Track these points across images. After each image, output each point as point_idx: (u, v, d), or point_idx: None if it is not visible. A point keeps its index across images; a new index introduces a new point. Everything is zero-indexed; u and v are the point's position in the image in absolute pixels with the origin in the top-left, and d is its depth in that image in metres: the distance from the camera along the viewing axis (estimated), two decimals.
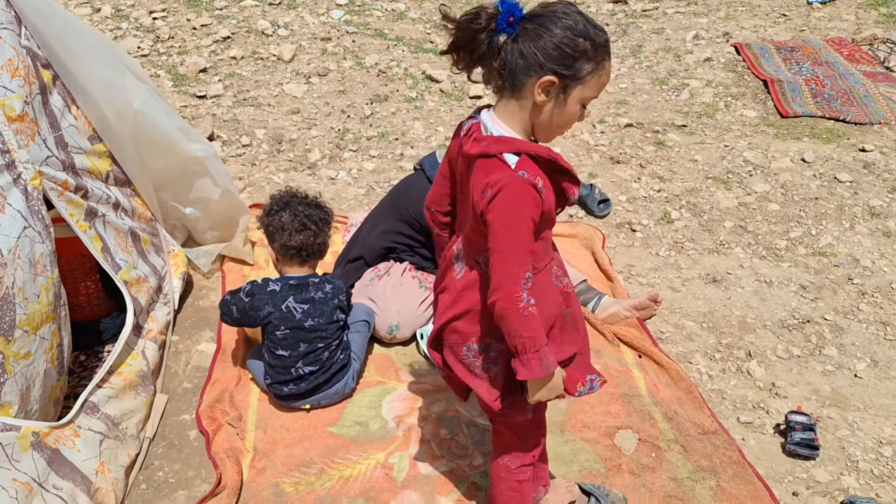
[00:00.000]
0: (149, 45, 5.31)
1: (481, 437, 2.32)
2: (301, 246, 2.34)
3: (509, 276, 1.47)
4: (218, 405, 2.40)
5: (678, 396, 2.48)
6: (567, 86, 1.45)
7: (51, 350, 2.04)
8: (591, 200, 3.62)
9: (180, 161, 2.76)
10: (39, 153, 2.17)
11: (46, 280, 2.02)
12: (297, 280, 2.36)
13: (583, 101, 1.48)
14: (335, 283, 2.43)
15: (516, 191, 1.45)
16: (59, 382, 2.14)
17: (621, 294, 2.98)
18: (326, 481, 2.15)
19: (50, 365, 2.04)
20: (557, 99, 1.46)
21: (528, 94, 1.46)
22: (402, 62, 5.32)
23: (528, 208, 1.46)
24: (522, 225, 1.46)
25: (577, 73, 1.43)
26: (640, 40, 5.80)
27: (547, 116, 1.49)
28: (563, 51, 1.41)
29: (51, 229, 2.12)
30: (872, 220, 3.52)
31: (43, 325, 1.99)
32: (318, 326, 2.33)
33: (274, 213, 2.36)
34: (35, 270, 1.97)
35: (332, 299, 2.38)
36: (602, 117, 4.59)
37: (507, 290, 1.48)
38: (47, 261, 2.04)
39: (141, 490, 2.14)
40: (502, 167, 1.46)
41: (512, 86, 1.47)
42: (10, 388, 1.86)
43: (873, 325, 2.87)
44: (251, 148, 4.14)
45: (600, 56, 1.44)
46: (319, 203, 2.44)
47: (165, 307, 2.69)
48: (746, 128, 4.41)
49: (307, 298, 2.33)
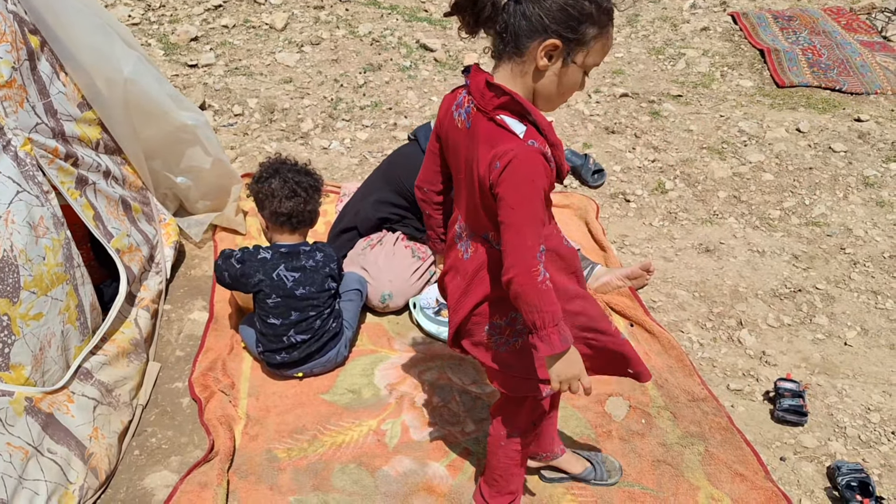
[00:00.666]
0: (139, 13, 5.24)
1: (473, 404, 2.34)
2: (291, 213, 2.33)
3: (526, 250, 1.42)
4: (210, 373, 2.41)
5: (669, 364, 2.49)
6: (571, 50, 1.38)
7: (67, 311, 2.05)
8: (586, 171, 3.61)
9: (171, 129, 2.74)
10: (28, 120, 2.15)
11: (52, 242, 2.02)
12: (288, 248, 2.35)
13: (585, 67, 1.42)
14: (326, 251, 2.43)
15: (527, 161, 1.39)
16: (84, 343, 2.15)
17: (614, 264, 2.98)
18: (319, 447, 2.17)
19: (69, 325, 2.06)
20: (561, 64, 1.40)
21: (530, 59, 1.40)
22: (396, 31, 5.26)
23: (539, 179, 1.40)
24: (535, 197, 1.41)
25: (582, 38, 1.37)
26: (636, 9, 5.74)
27: (549, 82, 1.43)
28: (568, 13, 1.35)
29: (51, 194, 2.11)
30: (866, 189, 3.52)
31: (54, 286, 2.00)
32: (309, 295, 2.33)
33: (264, 180, 2.34)
34: (36, 233, 1.97)
35: (324, 267, 2.38)
36: (598, 87, 4.56)
37: (524, 266, 1.42)
38: (50, 223, 2.04)
39: (134, 456, 2.16)
40: (510, 137, 1.40)
41: (514, 49, 1.40)
42: (20, 349, 1.87)
43: (864, 294, 2.88)
44: (243, 117, 4.11)
45: (605, 21, 1.38)
46: (309, 170, 2.43)
47: (157, 276, 2.68)
48: (742, 98, 4.39)
49: (298, 266, 2.33)
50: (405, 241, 2.79)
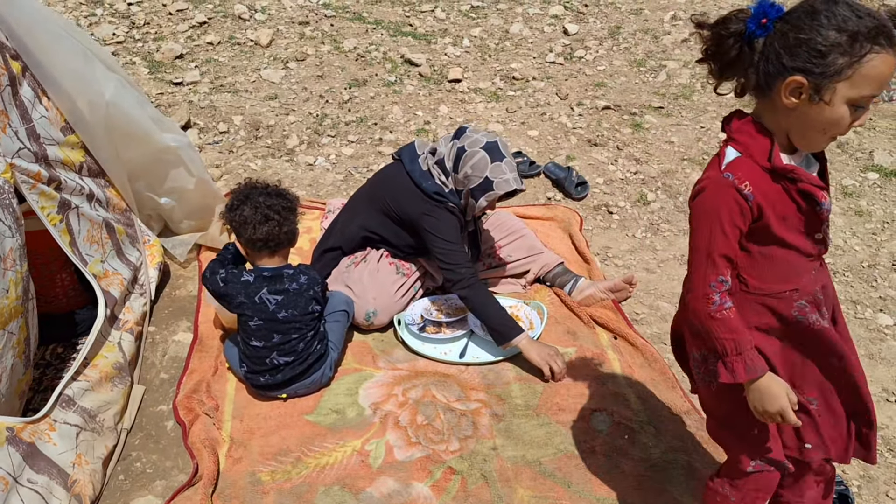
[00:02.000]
0: (124, 31, 5.25)
1: (457, 421, 2.35)
2: (267, 238, 2.32)
3: (697, 277, 1.44)
4: (195, 395, 2.41)
5: (652, 377, 2.51)
6: (820, 85, 1.29)
7: (18, 344, 2.04)
8: (569, 183, 3.64)
9: (154, 151, 2.75)
10: (11, 145, 2.16)
11: (15, 275, 2.01)
12: (271, 272, 2.36)
13: (851, 101, 1.30)
14: (310, 273, 2.43)
15: (715, 192, 1.39)
16: (24, 376, 2.13)
17: (597, 276, 3.00)
18: (303, 469, 2.17)
19: (17, 360, 2.04)
20: (811, 101, 1.32)
21: (776, 98, 1.35)
22: (381, 46, 5.29)
23: (724, 212, 1.38)
24: (715, 228, 1.40)
25: (829, 70, 1.28)
26: (618, 21, 5.79)
27: (801, 121, 1.36)
28: (809, 46, 1.28)
29: (21, 223, 2.11)
30: (845, 199, 3.56)
31: (11, 320, 1.98)
32: (291, 318, 2.33)
33: (235, 209, 2.34)
34: (4, 265, 1.96)
35: (308, 290, 2.38)
36: (580, 100, 4.59)
37: (696, 292, 1.44)
38: (17, 255, 2.03)
39: (119, 481, 2.15)
40: (713, 165, 1.42)
41: (762, 91, 1.38)
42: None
43: (844, 304, 2.91)
44: (228, 135, 4.12)
45: (862, 46, 1.26)
46: (281, 191, 2.41)
47: (142, 298, 2.69)
48: (723, 109, 4.43)
49: (281, 290, 2.33)
50: (389, 259, 2.80)
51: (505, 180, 2.53)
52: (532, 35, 5.61)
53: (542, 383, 2.50)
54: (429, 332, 2.71)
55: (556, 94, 4.69)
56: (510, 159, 2.58)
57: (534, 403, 2.41)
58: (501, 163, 2.54)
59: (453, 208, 2.64)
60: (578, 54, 5.23)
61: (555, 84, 4.82)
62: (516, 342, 2.52)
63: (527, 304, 2.83)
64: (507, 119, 4.39)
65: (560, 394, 2.45)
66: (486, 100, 4.64)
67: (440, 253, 2.62)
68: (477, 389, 2.49)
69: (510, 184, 2.53)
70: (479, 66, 5.10)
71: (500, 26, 5.75)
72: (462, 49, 5.34)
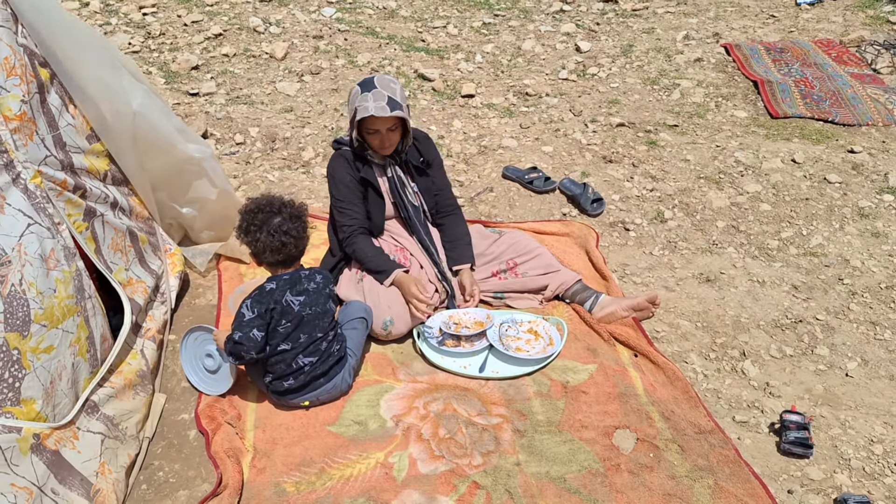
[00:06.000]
0: (140, 41, 5.28)
1: (479, 436, 2.34)
2: (286, 258, 2.39)
3: None
4: (216, 404, 2.40)
5: (674, 396, 2.51)
6: None
7: (78, 343, 2.05)
8: (585, 199, 3.65)
9: (177, 161, 2.75)
10: (38, 153, 2.17)
11: (62, 274, 2.03)
12: (290, 276, 2.40)
13: None
14: (323, 273, 2.50)
15: None
16: (92, 375, 2.15)
17: (616, 293, 3.00)
18: (327, 481, 2.16)
19: (80, 357, 2.06)
20: None
21: None
22: (395, 60, 5.32)
23: None
24: None
25: None
26: (630, 40, 5.83)
27: None
28: None
29: (62, 226, 2.12)
30: (861, 220, 3.57)
31: (65, 318, 2.00)
32: (314, 315, 2.38)
33: (251, 233, 2.35)
34: (47, 265, 1.98)
35: (324, 289, 2.45)
36: (594, 116, 4.61)
37: None
38: (61, 255, 2.05)
39: (142, 490, 2.14)
40: None
41: None
42: (30, 384, 1.86)
43: (863, 325, 2.91)
44: (245, 146, 4.13)
45: None
46: (297, 213, 2.40)
47: (163, 306, 2.69)
48: (737, 128, 4.45)
49: (302, 290, 2.38)
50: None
51: (364, 107, 2.61)
52: (544, 52, 5.64)
53: (563, 399, 2.49)
54: (448, 345, 2.71)
55: (569, 110, 4.71)
56: (381, 90, 2.63)
57: (556, 420, 2.40)
58: (369, 93, 2.63)
59: (343, 150, 2.83)
60: (591, 71, 5.26)
61: (568, 100, 4.84)
62: (393, 276, 2.72)
63: (546, 319, 2.83)
64: (521, 134, 4.41)
65: (582, 410, 2.44)
66: (499, 115, 4.66)
67: (333, 207, 2.84)
68: (497, 404, 2.48)
69: (368, 110, 2.61)
70: (491, 82, 5.12)
71: (512, 43, 5.79)
72: (475, 65, 5.37)
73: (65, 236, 2.10)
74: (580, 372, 2.61)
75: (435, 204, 2.98)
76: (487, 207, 3.69)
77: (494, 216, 3.62)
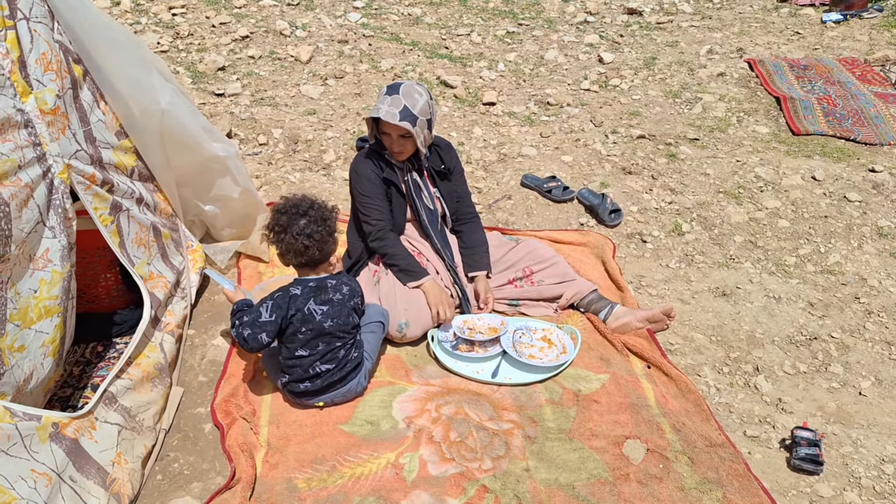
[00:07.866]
0: (168, 41, 5.36)
1: (490, 441, 2.36)
2: (309, 261, 2.41)
3: None
4: (232, 399, 2.44)
5: (686, 408, 2.51)
6: None
7: (52, 343, 2.06)
8: (603, 210, 3.66)
9: (202, 160, 2.80)
10: (69, 147, 2.22)
11: (51, 275, 2.04)
12: (316, 282, 2.41)
13: None
14: (352, 284, 2.48)
15: None
16: (54, 374, 2.16)
17: (631, 304, 3.01)
18: (339, 478, 2.19)
19: (50, 357, 2.07)
20: None
21: None
22: (418, 66, 5.36)
23: None
24: None
25: None
26: (654, 52, 5.84)
27: None
28: None
29: (71, 225, 2.15)
30: (880, 240, 3.55)
31: (41, 318, 2.01)
32: (336, 327, 2.38)
33: (277, 234, 2.38)
34: (34, 265, 1.99)
35: (349, 301, 2.43)
36: (615, 128, 4.63)
37: None
38: (56, 256, 2.06)
39: (157, 481, 2.18)
40: None
41: None
42: (7, 380, 1.89)
43: (878, 345, 2.90)
44: (268, 147, 4.19)
45: None
46: (324, 216, 2.42)
47: (183, 301, 2.73)
48: (758, 143, 4.44)
49: (326, 300, 2.38)
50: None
51: (378, 108, 2.67)
52: (567, 62, 5.67)
53: (575, 407, 2.50)
54: (461, 350, 2.73)
55: (590, 120, 4.73)
56: (401, 98, 2.65)
57: (566, 427, 2.42)
58: (389, 96, 2.67)
59: (367, 150, 2.86)
60: (613, 83, 5.28)
61: (589, 111, 4.86)
62: (421, 282, 2.75)
63: (560, 328, 2.85)
64: (541, 143, 4.43)
65: (593, 419, 2.45)
66: (519, 123, 4.69)
67: (358, 203, 2.85)
68: (509, 410, 2.50)
69: (379, 112, 2.65)
70: (513, 91, 5.15)
71: (535, 52, 5.82)
72: (497, 73, 5.40)
73: (69, 233, 2.12)
74: (592, 381, 2.63)
75: (455, 210, 3.01)
76: (505, 215, 3.72)
77: (512, 224, 3.65)
